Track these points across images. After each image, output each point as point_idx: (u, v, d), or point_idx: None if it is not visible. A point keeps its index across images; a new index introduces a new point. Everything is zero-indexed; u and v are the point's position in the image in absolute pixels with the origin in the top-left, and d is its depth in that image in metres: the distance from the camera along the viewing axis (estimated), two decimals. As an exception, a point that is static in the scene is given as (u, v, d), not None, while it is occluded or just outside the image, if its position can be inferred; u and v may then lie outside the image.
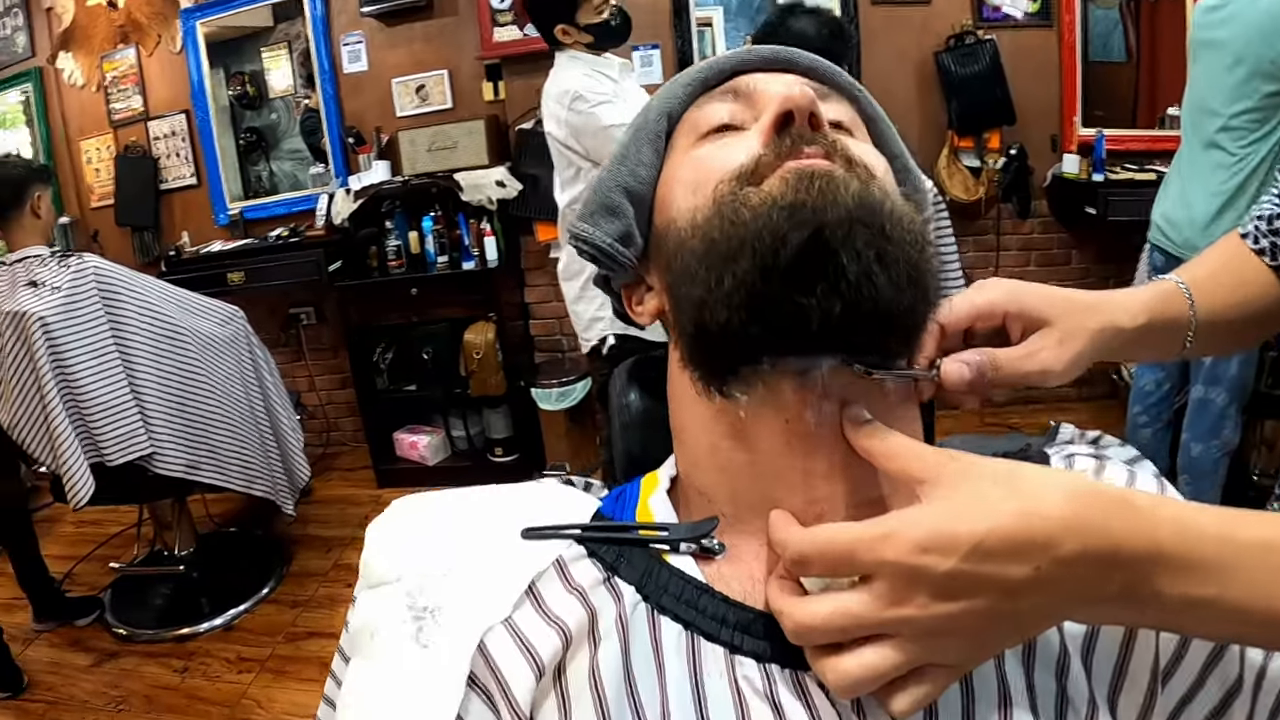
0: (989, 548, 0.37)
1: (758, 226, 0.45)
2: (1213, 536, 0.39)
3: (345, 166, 3.54)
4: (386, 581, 0.50)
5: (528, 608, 0.47)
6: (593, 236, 0.58)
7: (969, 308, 0.55)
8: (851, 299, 0.43)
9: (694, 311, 0.48)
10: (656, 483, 0.56)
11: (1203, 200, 2.16)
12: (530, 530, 0.50)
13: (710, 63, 0.61)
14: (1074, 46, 3.17)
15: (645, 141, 0.59)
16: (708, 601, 0.47)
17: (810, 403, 0.47)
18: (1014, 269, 3.24)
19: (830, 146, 0.49)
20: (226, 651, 2.48)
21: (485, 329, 3.20)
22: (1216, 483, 2.37)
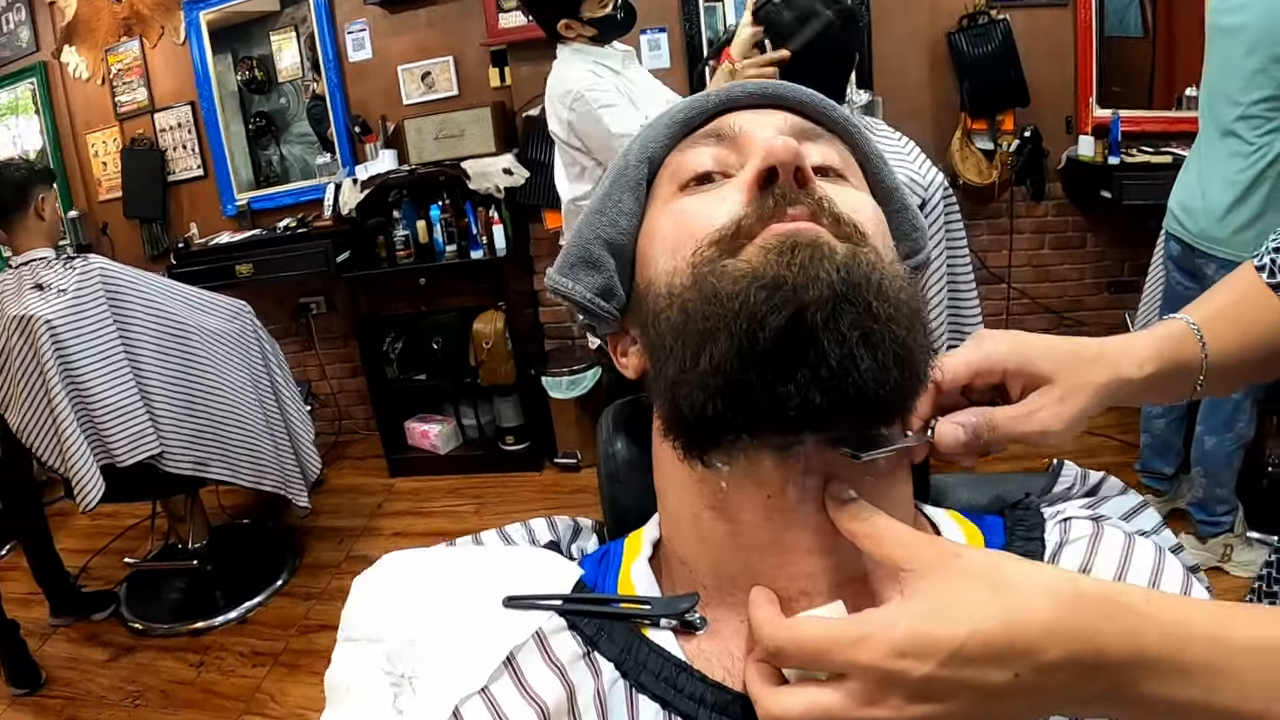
0: (968, 653, 0.36)
1: (735, 306, 0.42)
2: (1204, 639, 0.38)
3: (352, 156, 3.52)
4: (368, 639, 0.50)
5: (506, 681, 0.46)
6: (571, 292, 0.56)
7: (966, 365, 0.53)
8: (833, 386, 0.41)
9: (669, 391, 0.46)
10: (639, 548, 0.55)
11: (1219, 189, 2.13)
12: (512, 599, 0.49)
13: (692, 101, 0.58)
14: (1090, 26, 3.11)
15: (625, 189, 0.56)
16: (686, 680, 0.46)
17: (792, 478, 0.46)
18: (1028, 251, 3.20)
19: (816, 205, 0.47)
20: (241, 645, 2.50)
21: (494, 318, 3.19)
22: (1231, 475, 2.35)
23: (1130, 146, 2.98)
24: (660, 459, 0.53)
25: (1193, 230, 2.22)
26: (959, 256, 2.26)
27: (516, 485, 3.30)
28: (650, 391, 0.52)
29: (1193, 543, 2.47)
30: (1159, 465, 2.60)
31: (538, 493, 3.23)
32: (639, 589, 0.52)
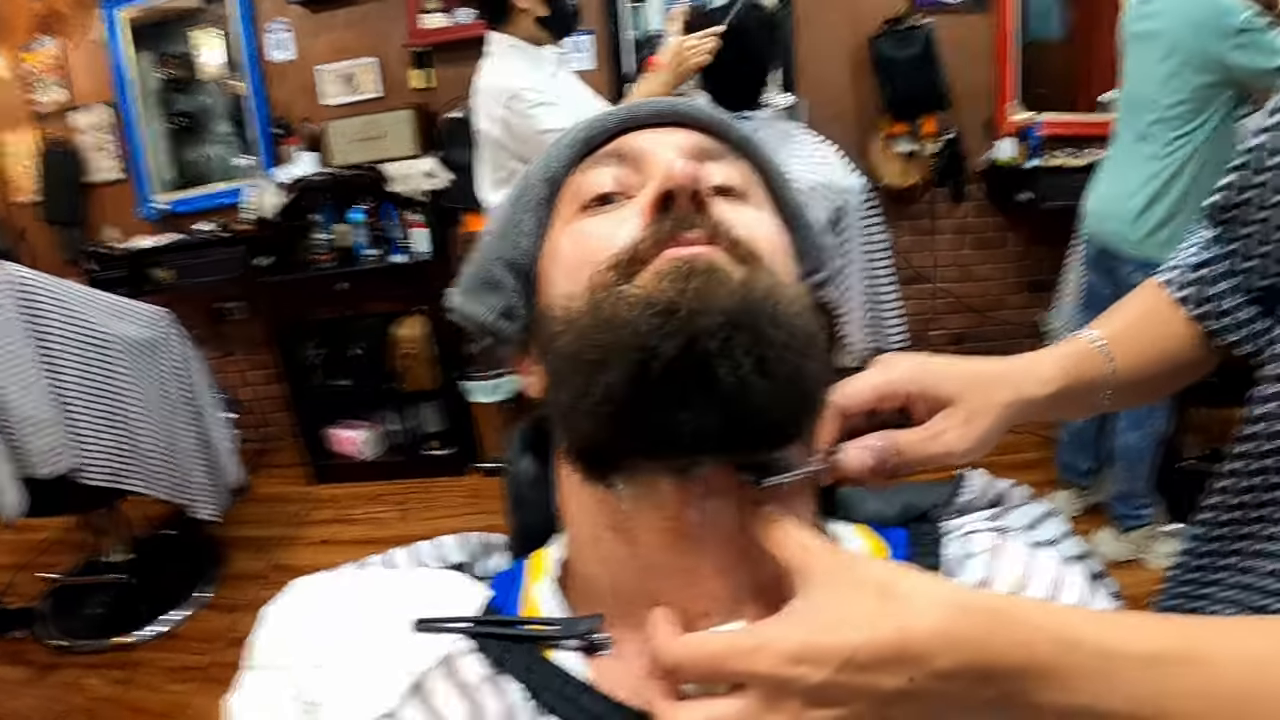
0: (862, 660, 0.37)
1: (628, 334, 0.42)
2: (1093, 648, 0.39)
3: (273, 158, 3.45)
4: (274, 668, 0.50)
5: (415, 705, 0.46)
6: (473, 313, 0.57)
7: (871, 389, 0.54)
8: (727, 412, 0.42)
9: (564, 417, 0.47)
10: (542, 568, 0.55)
11: (1134, 193, 2.17)
12: (422, 622, 0.49)
13: (593, 121, 0.58)
14: (1009, 32, 3.16)
15: (527, 210, 0.57)
16: (589, 700, 0.46)
17: (692, 501, 0.46)
18: (950, 252, 3.23)
19: (714, 229, 0.47)
20: (168, 660, 2.43)
21: (416, 323, 3.15)
22: (1150, 469, 2.39)
23: (1050, 149, 3.03)
24: (563, 479, 0.53)
25: (1107, 233, 2.26)
26: (880, 260, 2.27)
27: (441, 490, 3.25)
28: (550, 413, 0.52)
29: (1112, 536, 2.50)
30: (1078, 460, 2.63)
31: (462, 498, 3.19)
32: (543, 610, 0.52)
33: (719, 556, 0.47)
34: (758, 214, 0.54)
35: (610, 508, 0.48)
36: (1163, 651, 0.39)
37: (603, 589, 0.50)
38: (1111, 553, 2.47)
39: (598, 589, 0.51)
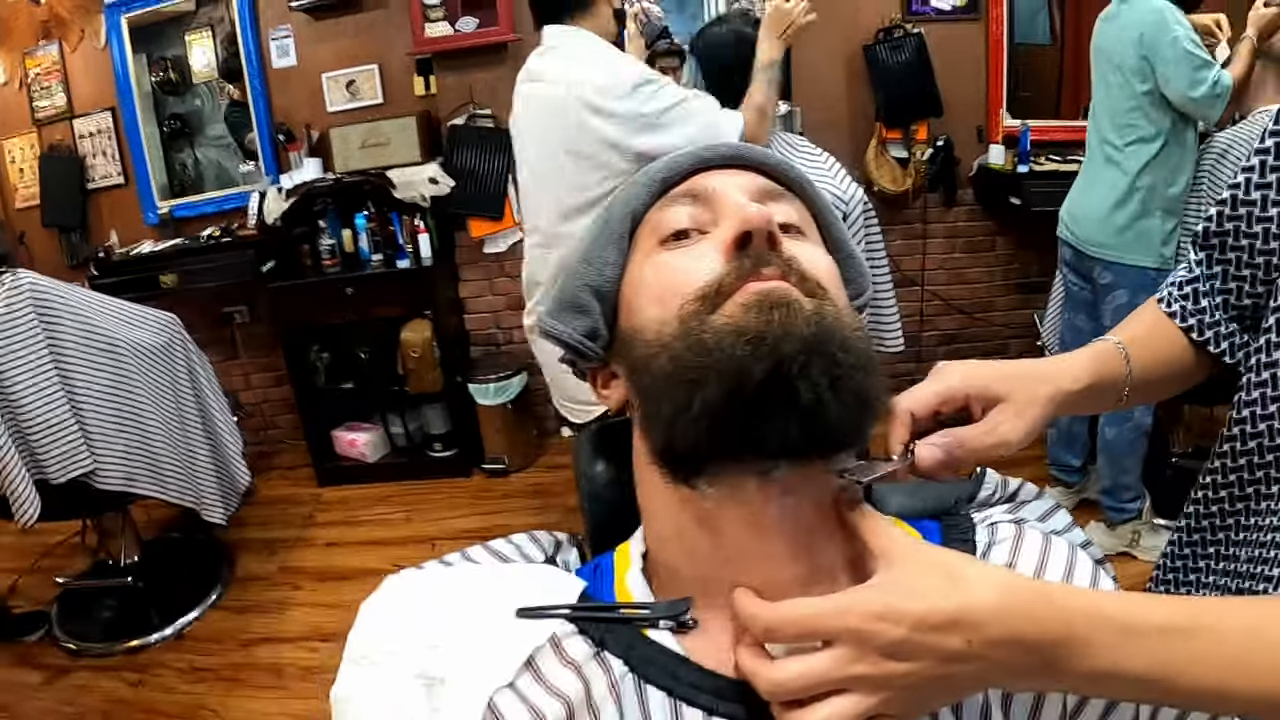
0: (932, 622, 0.44)
1: (722, 357, 0.49)
2: (1116, 623, 0.46)
3: (276, 164, 3.49)
4: (386, 654, 0.55)
5: (529, 678, 0.52)
6: (563, 334, 0.63)
7: (934, 395, 0.61)
8: (807, 424, 0.48)
9: (664, 428, 0.52)
10: (629, 560, 0.61)
11: (1100, 196, 2.30)
12: (525, 610, 0.55)
13: (668, 162, 0.65)
14: (1001, 40, 3.22)
15: (610, 242, 0.63)
16: (686, 671, 0.53)
17: (773, 498, 0.52)
18: (940, 255, 3.31)
19: (786, 265, 0.54)
20: (179, 662, 2.46)
21: (422, 326, 3.19)
22: (1135, 463, 2.47)
23: (1038, 155, 3.10)
24: (645, 481, 0.59)
25: (1079, 235, 2.37)
26: (878, 265, 2.33)
27: (446, 492, 3.30)
28: (639, 424, 0.58)
29: (1102, 530, 2.57)
30: (1067, 457, 2.70)
31: (468, 499, 3.23)
32: (635, 596, 0.58)
33: (792, 545, 0.53)
34: (816, 249, 0.61)
35: (694, 505, 0.54)
36: (1172, 623, 0.47)
37: (685, 575, 0.56)
38: (1101, 545, 2.54)
39: (681, 576, 0.57)
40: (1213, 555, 0.81)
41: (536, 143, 1.96)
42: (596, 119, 1.78)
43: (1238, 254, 0.76)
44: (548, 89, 1.87)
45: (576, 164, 1.85)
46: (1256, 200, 0.73)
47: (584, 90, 1.78)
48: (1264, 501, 0.74)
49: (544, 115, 1.89)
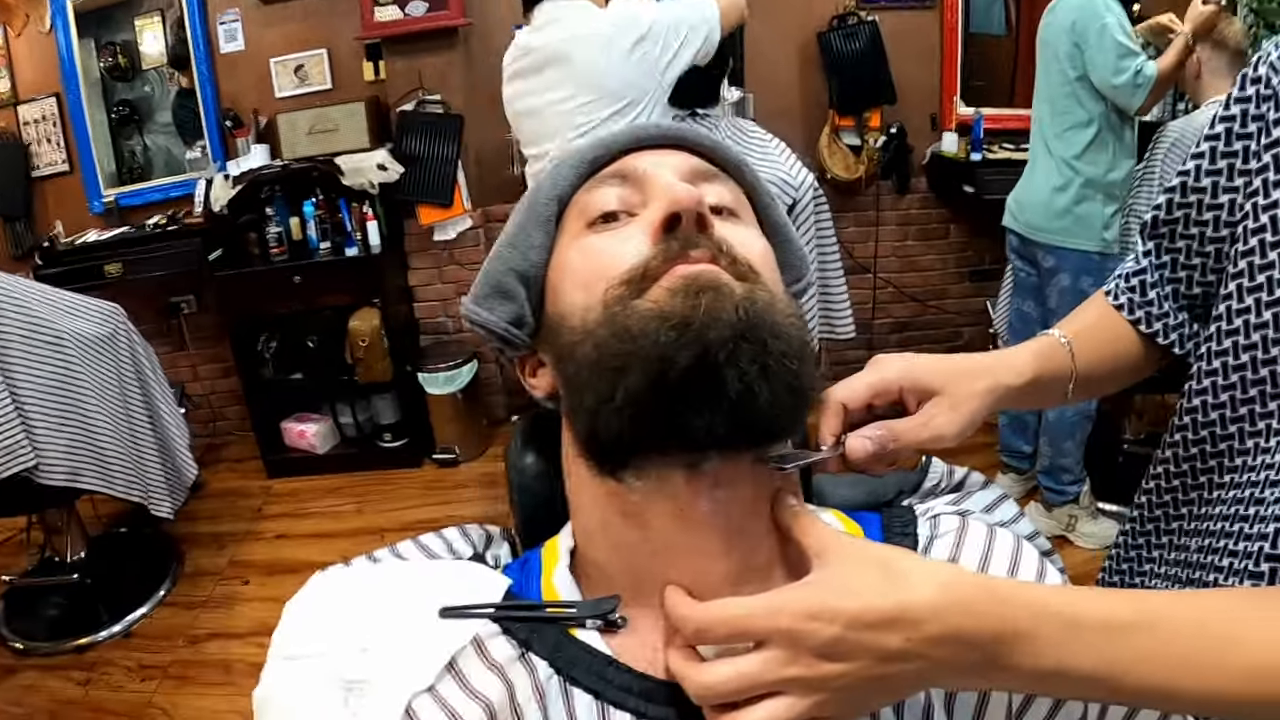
0: (868, 620, 0.43)
1: (647, 344, 0.47)
2: (1060, 619, 0.45)
3: (223, 150, 3.42)
4: (310, 655, 0.52)
5: (451, 682, 0.50)
6: (486, 321, 0.60)
7: (867, 387, 0.60)
8: (735, 413, 0.46)
9: (587, 418, 0.50)
10: (557, 557, 0.59)
11: (1040, 184, 2.35)
12: (448, 610, 0.53)
13: (597, 143, 0.63)
14: (955, 27, 3.23)
15: (536, 225, 0.60)
16: (614, 673, 0.51)
17: (702, 491, 0.50)
18: (893, 243, 3.31)
19: (716, 248, 0.52)
20: (128, 660, 2.41)
21: (370, 315, 3.14)
22: (1075, 446, 2.49)
23: (992, 143, 3.10)
24: (573, 473, 0.57)
25: (1024, 221, 2.41)
26: (829, 251, 2.32)
27: (397, 482, 3.25)
28: (564, 413, 0.56)
29: (1039, 511, 2.58)
30: (1018, 443, 2.72)
31: (419, 489, 3.19)
32: (562, 594, 0.56)
33: (723, 540, 0.51)
34: (750, 231, 0.59)
35: (621, 498, 0.52)
36: (1118, 619, 0.46)
37: (613, 572, 0.54)
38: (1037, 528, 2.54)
39: (608, 572, 0.55)
40: (1166, 545, 0.80)
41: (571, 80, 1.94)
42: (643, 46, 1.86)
43: (1188, 242, 0.74)
44: (585, 28, 1.88)
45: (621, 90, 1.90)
46: (1207, 187, 0.71)
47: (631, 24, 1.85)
48: (1216, 490, 0.73)
49: (586, 50, 1.89)
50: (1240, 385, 0.69)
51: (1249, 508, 0.67)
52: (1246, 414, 0.69)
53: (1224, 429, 0.71)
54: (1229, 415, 0.70)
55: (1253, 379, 0.67)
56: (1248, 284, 0.67)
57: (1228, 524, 0.69)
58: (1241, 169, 0.68)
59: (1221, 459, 0.72)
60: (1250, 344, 0.67)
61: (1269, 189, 0.65)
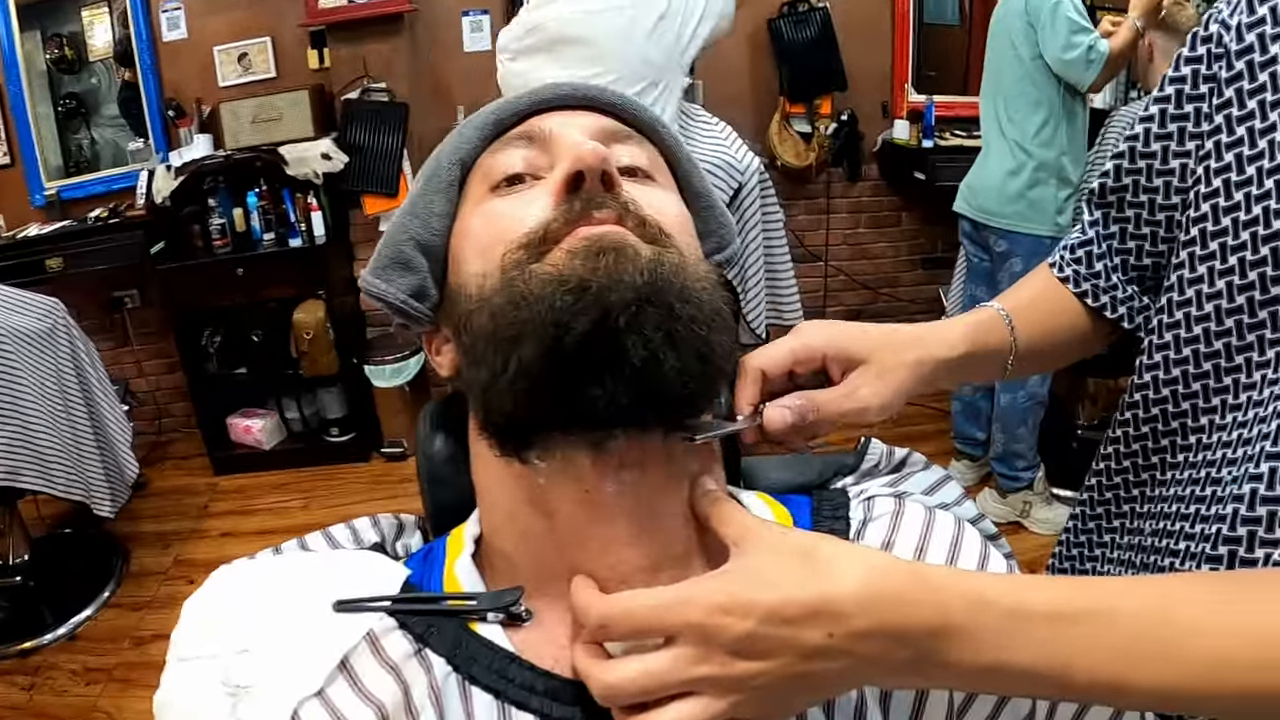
0: (786, 614, 0.39)
1: (541, 310, 0.43)
2: (1000, 607, 0.41)
3: (166, 141, 3.35)
4: (201, 657, 0.49)
5: (342, 683, 0.47)
6: (384, 293, 0.57)
7: (787, 354, 0.56)
8: (639, 385, 0.43)
9: (481, 394, 0.48)
10: (461, 545, 0.55)
11: (993, 168, 2.36)
12: (342, 603, 0.49)
13: (504, 103, 0.59)
14: (907, 15, 3.22)
15: (438, 190, 0.57)
16: (516, 671, 0.47)
17: (608, 473, 0.47)
18: (844, 231, 3.29)
19: (622, 208, 0.49)
20: (72, 663, 2.36)
21: (315, 307, 3.09)
22: (1028, 432, 2.48)
23: (944, 130, 3.09)
24: (478, 456, 0.54)
25: (976, 206, 2.41)
26: (775, 238, 2.29)
27: (344, 477, 3.21)
28: (465, 391, 0.53)
29: (993, 497, 2.59)
30: (971, 430, 2.71)
31: (366, 484, 3.15)
32: (464, 586, 0.52)
33: (634, 527, 0.48)
34: (664, 194, 0.56)
35: (527, 482, 0.49)
36: (1063, 609, 0.42)
37: (520, 562, 0.51)
38: (991, 514, 2.55)
39: (515, 563, 0.52)
40: (1118, 529, 0.77)
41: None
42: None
43: (1137, 211, 0.71)
44: (601, 3, 1.85)
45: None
46: (1157, 152, 0.67)
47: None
48: (1169, 471, 0.69)
49: (605, 28, 1.86)
50: (1194, 359, 0.65)
51: (1205, 488, 0.63)
52: (1200, 389, 0.65)
53: (1177, 406, 0.67)
54: (1182, 391, 0.66)
55: (1206, 352, 0.64)
56: (1200, 252, 0.63)
57: (1183, 505, 0.66)
58: (1193, 132, 0.64)
59: (1175, 437, 0.68)
60: (1203, 315, 0.63)
61: (1222, 152, 0.61)
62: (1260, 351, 0.60)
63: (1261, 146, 0.58)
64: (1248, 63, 0.59)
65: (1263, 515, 0.57)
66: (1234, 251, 0.60)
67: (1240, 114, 0.60)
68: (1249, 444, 0.59)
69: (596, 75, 1.83)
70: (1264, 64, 0.58)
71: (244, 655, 0.48)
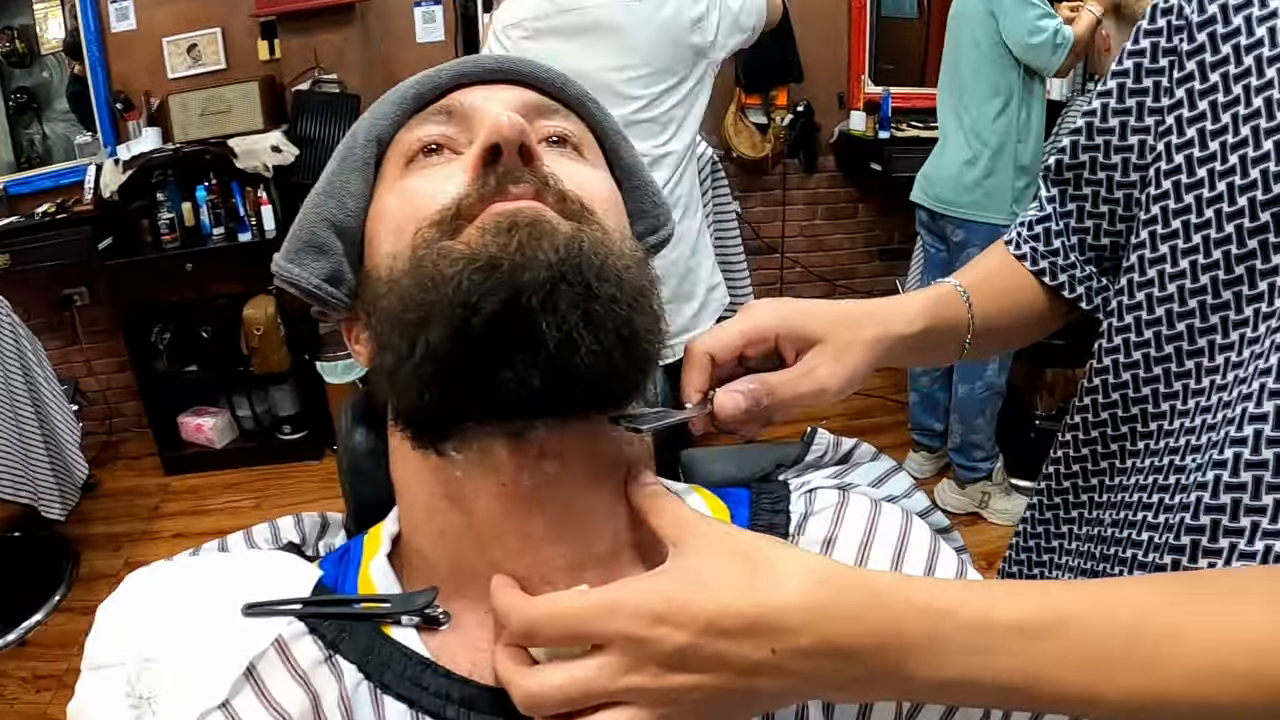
0: (724, 626, 0.37)
1: (449, 290, 0.41)
2: (962, 621, 0.39)
3: (114, 134, 3.29)
4: (109, 665, 0.47)
5: (249, 694, 0.45)
6: (297, 278, 0.54)
7: (737, 335, 0.53)
8: (554, 369, 0.41)
9: (389, 381, 0.45)
10: (379, 544, 0.53)
11: (950, 157, 2.36)
12: (251, 607, 0.47)
13: (422, 77, 0.56)
14: (864, 7, 3.22)
15: (353, 169, 0.54)
16: (431, 678, 0.45)
17: (526, 465, 0.45)
18: (801, 222, 3.29)
19: (541, 183, 0.47)
20: (22, 670, 2.31)
21: (265, 303, 3.04)
22: (986, 423, 2.49)
23: (900, 121, 3.09)
24: (395, 450, 0.51)
25: (932, 196, 2.42)
26: (727, 226, 2.28)
27: (297, 476, 3.17)
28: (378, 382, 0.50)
29: (952, 488, 2.58)
30: (929, 421, 2.71)
31: (319, 482, 3.10)
32: (379, 587, 0.50)
33: (555, 522, 0.46)
34: (590, 170, 0.53)
35: (444, 476, 0.47)
36: (1029, 620, 0.39)
37: (438, 562, 0.49)
38: (950, 505, 2.55)
39: (432, 562, 0.49)
40: (1075, 519, 0.74)
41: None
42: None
43: (1094, 189, 0.68)
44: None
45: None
46: (1114, 128, 0.65)
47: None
48: (1129, 459, 0.67)
49: (642, 20, 1.79)
50: (1155, 342, 0.62)
51: (1168, 476, 0.61)
52: (1161, 373, 0.62)
53: (1137, 391, 0.65)
54: (1143, 375, 0.64)
55: (1168, 334, 0.61)
56: (1162, 230, 0.61)
57: (1145, 494, 0.63)
58: (1152, 107, 0.62)
59: (1135, 424, 0.66)
60: (1166, 296, 0.61)
61: (1184, 126, 0.59)
62: (1224, 334, 0.58)
63: (1225, 121, 0.56)
64: (1210, 34, 0.57)
65: (1226, 503, 0.54)
66: (1198, 230, 0.58)
67: (1203, 87, 0.58)
68: (1213, 429, 0.57)
69: (624, 67, 1.77)
70: (1227, 35, 0.56)
71: (149, 664, 0.46)
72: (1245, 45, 0.55)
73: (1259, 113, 0.53)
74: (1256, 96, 0.54)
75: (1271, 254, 0.54)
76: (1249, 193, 0.54)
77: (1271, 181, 0.53)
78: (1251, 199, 0.54)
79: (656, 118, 1.81)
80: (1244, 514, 0.53)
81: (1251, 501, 0.53)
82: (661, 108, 1.81)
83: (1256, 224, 0.54)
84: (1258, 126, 0.53)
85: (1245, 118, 0.54)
